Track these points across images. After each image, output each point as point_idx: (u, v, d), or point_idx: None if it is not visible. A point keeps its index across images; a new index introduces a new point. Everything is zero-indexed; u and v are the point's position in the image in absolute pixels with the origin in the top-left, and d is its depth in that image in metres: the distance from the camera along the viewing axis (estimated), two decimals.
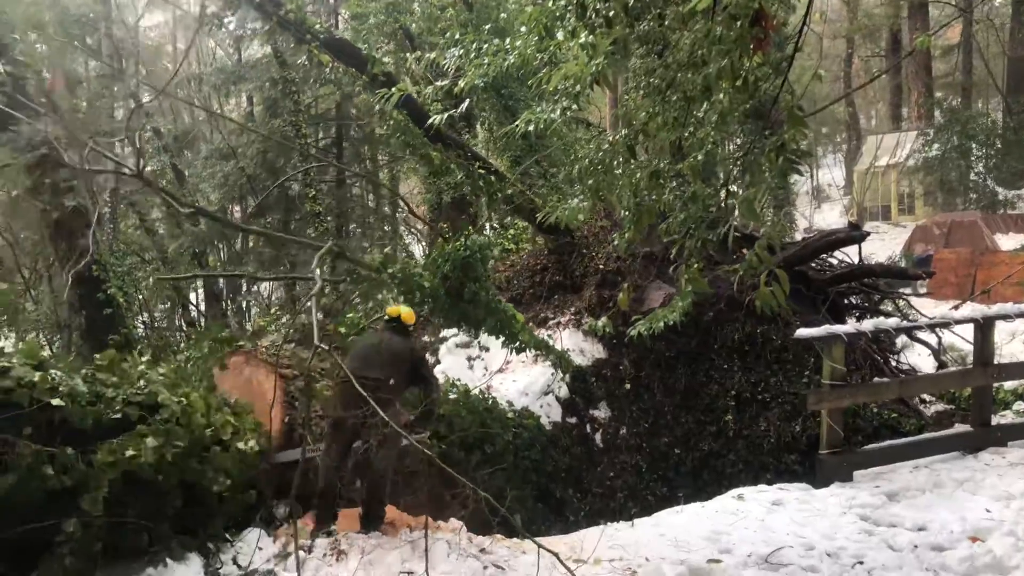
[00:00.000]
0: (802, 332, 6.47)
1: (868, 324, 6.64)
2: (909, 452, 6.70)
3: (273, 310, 19.34)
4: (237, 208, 22.32)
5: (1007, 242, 17.90)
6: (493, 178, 9.65)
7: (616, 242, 4.13)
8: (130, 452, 4.73)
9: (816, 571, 4.65)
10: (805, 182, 36.88)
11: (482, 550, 5.09)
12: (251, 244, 21.58)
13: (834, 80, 35.87)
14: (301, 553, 4.91)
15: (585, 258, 10.84)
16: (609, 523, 5.97)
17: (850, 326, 6.49)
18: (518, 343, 8.28)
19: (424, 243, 23.77)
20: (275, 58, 18.96)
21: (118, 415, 4.93)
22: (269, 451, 5.77)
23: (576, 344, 9.92)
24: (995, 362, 7.04)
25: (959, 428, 7.21)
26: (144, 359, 5.55)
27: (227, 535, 5.22)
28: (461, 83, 4.79)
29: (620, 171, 3.68)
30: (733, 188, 3.51)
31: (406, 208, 22.93)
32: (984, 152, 26.27)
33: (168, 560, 4.85)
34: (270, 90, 19.83)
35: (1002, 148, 26.19)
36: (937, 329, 9.48)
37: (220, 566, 4.99)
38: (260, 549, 5.11)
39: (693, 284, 3.39)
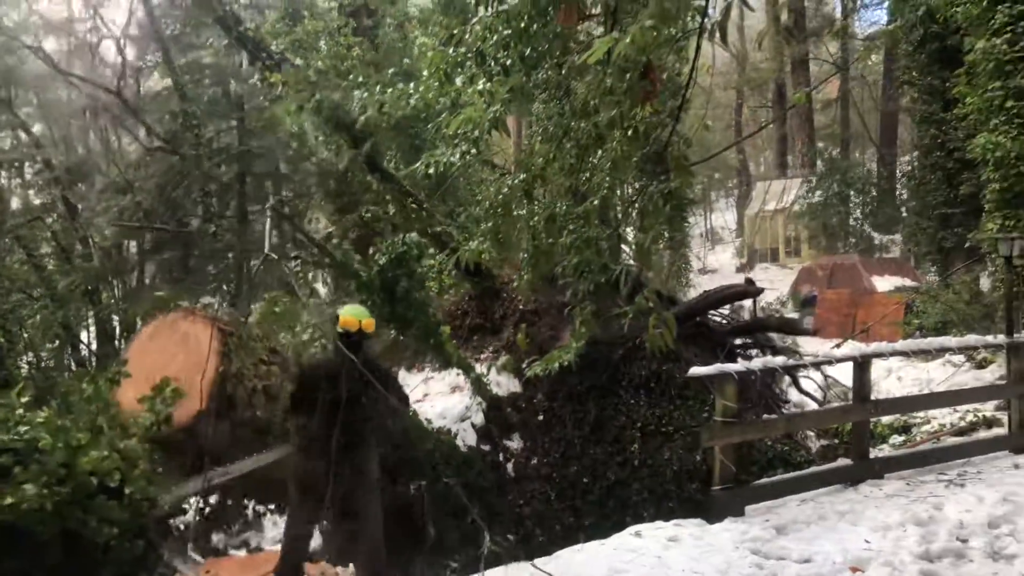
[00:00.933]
0: (695, 371, 6.69)
1: (757, 363, 6.93)
2: (796, 486, 6.97)
3: None
4: (133, 243, 21.50)
5: (882, 284, 19.08)
6: (423, 214, 9.66)
7: (516, 284, 4.19)
8: (8, 500, 4.43)
9: None
10: (699, 225, 38.43)
11: None
12: (147, 280, 20.77)
13: (726, 128, 37.71)
14: None
15: (505, 300, 11.04)
16: (512, 562, 5.93)
17: (740, 364, 6.75)
18: (443, 354, 8.34)
19: (328, 280, 23.43)
20: (176, 90, 18.53)
21: None
22: (155, 501, 5.50)
23: (493, 379, 10.14)
24: (872, 398, 7.45)
25: (841, 462, 7.57)
26: (23, 400, 5.21)
27: None
28: (362, 118, 4.81)
29: (518, 214, 3.77)
30: (626, 232, 3.63)
31: (312, 244, 22.61)
32: (861, 199, 28.12)
33: None
34: (170, 123, 19.33)
35: (877, 196, 28.09)
36: (821, 367, 9.98)
37: None
38: None
39: (585, 326, 3.47)
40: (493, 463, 9.28)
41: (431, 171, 4.12)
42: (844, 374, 12.14)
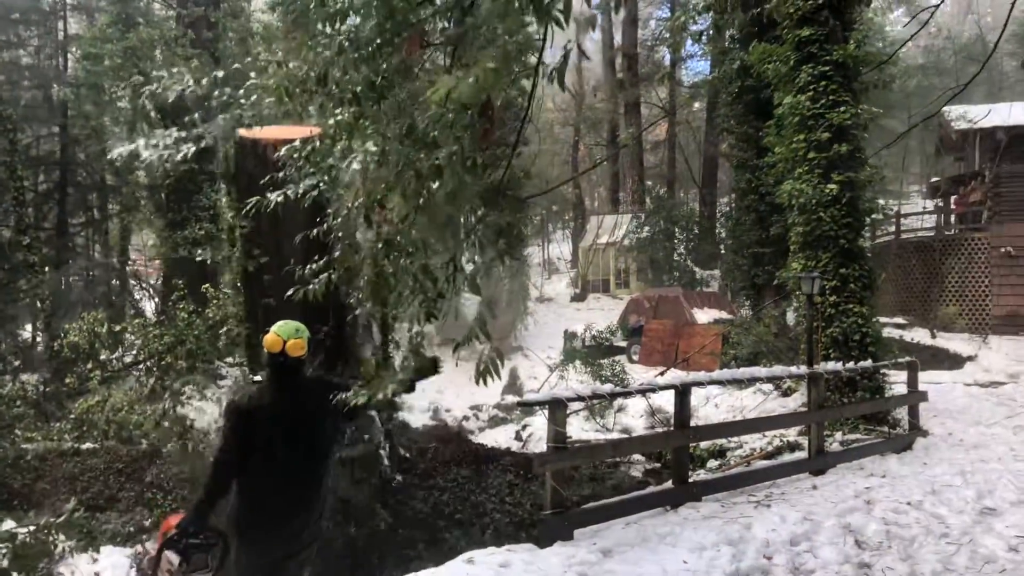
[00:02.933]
0: (528, 397, 6.86)
1: (587, 389, 7.19)
2: (621, 510, 7.25)
3: None
4: None
5: (702, 316, 20.37)
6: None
7: (358, 311, 4.14)
8: None
9: None
10: (537, 255, 39.49)
11: None
12: None
13: (563, 163, 39.16)
14: None
15: None
16: None
17: (571, 391, 6.97)
18: None
19: (156, 299, 22.07)
20: None
21: None
22: None
23: None
24: (692, 424, 7.92)
25: (664, 486, 7.97)
26: None
27: None
28: (196, 129, 4.61)
29: (357, 239, 3.75)
30: (462, 263, 3.70)
31: (137, 264, 21.18)
32: (685, 236, 30.00)
33: None
34: None
35: (698, 233, 30.09)
36: (646, 394, 10.50)
37: None
38: None
39: (416, 359, 3.49)
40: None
41: (279, 200, 4.01)
42: (669, 401, 12.92)
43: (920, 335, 19.20)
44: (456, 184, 3.50)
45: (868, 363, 10.68)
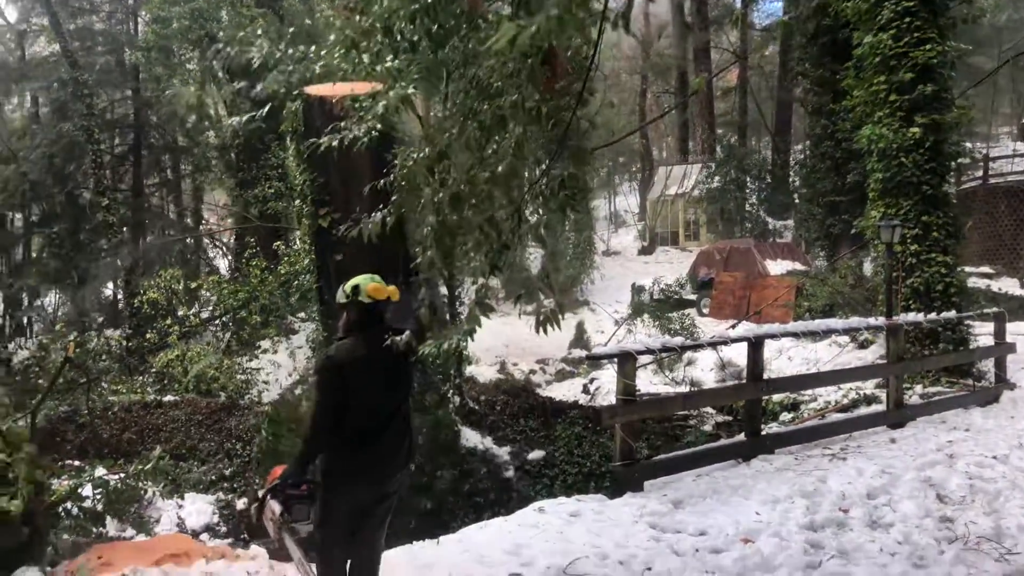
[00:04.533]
0: (598, 351, 6.81)
1: (656, 342, 7.11)
2: (692, 462, 7.21)
3: (59, 326, 17.65)
4: (19, 216, 20.29)
5: (775, 267, 19.86)
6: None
7: (418, 261, 4.11)
8: None
9: None
10: (603, 208, 39.06)
11: None
12: (34, 255, 19.68)
13: (630, 113, 38.33)
14: None
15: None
16: (416, 542, 5.92)
17: (640, 344, 6.90)
18: None
19: (230, 257, 22.72)
20: (64, 57, 17.45)
21: None
22: (44, 483, 5.21)
23: None
24: (765, 377, 7.77)
25: (735, 438, 7.88)
26: None
27: None
28: (259, 86, 4.62)
29: (423, 190, 3.72)
30: (528, 215, 3.64)
31: (212, 222, 21.79)
32: (757, 186, 29.15)
33: None
34: (59, 91, 18.21)
35: (771, 183, 29.20)
36: (717, 347, 10.35)
37: None
38: None
39: (482, 309, 3.44)
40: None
41: (334, 144, 4.00)
42: (740, 354, 12.74)
43: (1008, 285, 18.35)
44: (520, 135, 3.42)
45: (951, 314, 10.28)
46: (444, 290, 11.70)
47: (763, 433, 7.82)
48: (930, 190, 11.39)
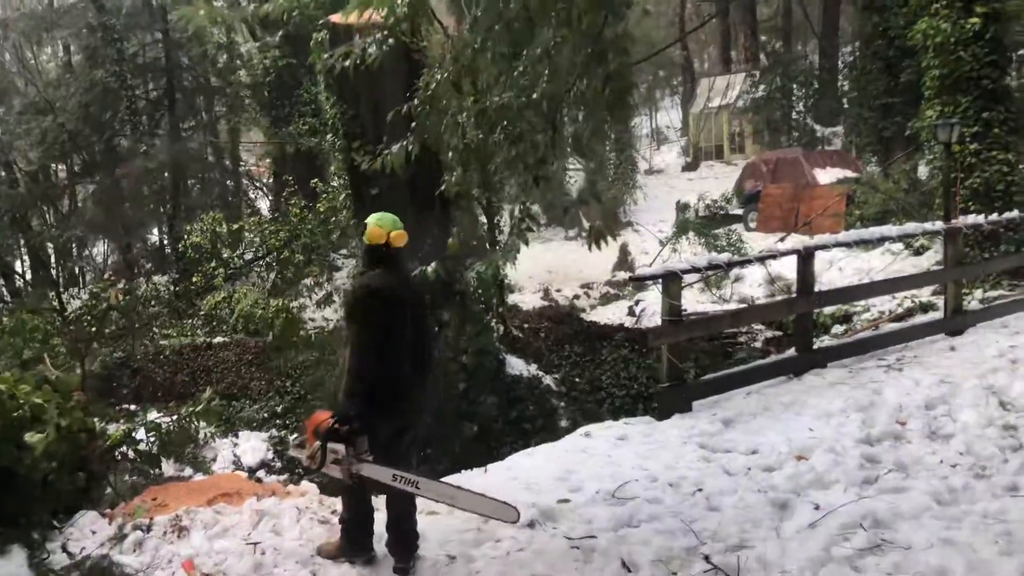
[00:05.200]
0: (642, 271, 6.62)
1: (702, 260, 6.88)
2: (742, 379, 7.05)
3: (107, 274, 18.05)
4: (62, 167, 20.54)
5: (824, 176, 19.18)
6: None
7: (444, 187, 3.95)
8: None
9: (659, 502, 4.80)
10: (644, 125, 38.10)
11: (334, 511, 4.91)
12: (79, 205, 19.97)
13: (669, 25, 36.88)
14: (138, 533, 4.57)
15: None
16: (463, 471, 5.93)
17: (685, 263, 6.68)
18: None
19: (270, 197, 22.81)
20: (92, 2, 17.30)
21: None
22: (95, 431, 5.30)
23: None
24: (816, 289, 7.50)
25: (786, 353, 7.68)
26: None
27: (55, 521, 4.78)
28: (268, 7, 4.43)
29: (446, 109, 3.51)
30: (564, 127, 3.42)
31: (248, 163, 21.81)
32: (803, 92, 28.02)
33: None
34: (88, 37, 18.11)
35: (818, 89, 28.00)
36: (765, 261, 10.03)
37: (46, 556, 4.55)
38: (94, 533, 4.71)
39: (529, 221, 3.28)
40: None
41: (347, 64, 3.80)
42: (789, 268, 12.39)
43: None
44: (551, 41, 3.18)
45: (1014, 214, 9.77)
46: (483, 218, 11.54)
47: (815, 347, 7.60)
48: (991, 84, 10.75)
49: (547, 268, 18.81)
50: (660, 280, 6.53)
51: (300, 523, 4.54)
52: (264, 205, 22.19)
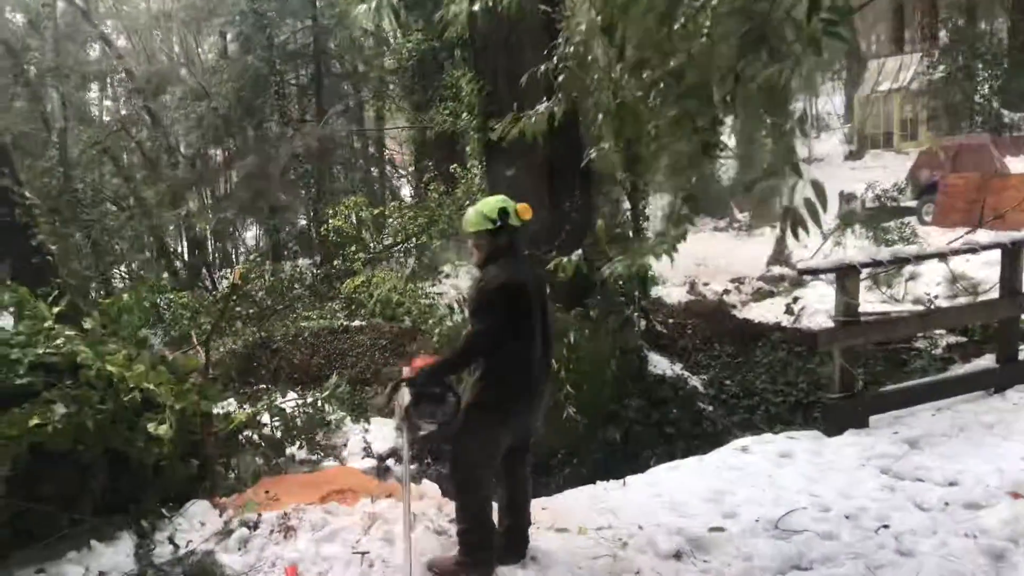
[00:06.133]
0: (810, 263, 5.77)
1: (886, 252, 5.92)
2: (929, 392, 6.05)
3: (252, 255, 18.73)
4: (218, 152, 21.57)
5: (1018, 165, 17.04)
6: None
7: (592, 157, 3.39)
8: (35, 421, 4.07)
9: (835, 538, 4.02)
10: (801, 112, 35.79)
11: (451, 520, 4.45)
12: (233, 187, 20.88)
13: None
14: (244, 530, 4.29)
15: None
16: (599, 483, 5.31)
17: (865, 255, 5.74)
18: None
19: (411, 183, 23.02)
20: None
21: (24, 379, 4.29)
22: (210, 416, 5.10)
23: None
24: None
25: (983, 364, 6.56)
26: (55, 312, 4.81)
27: (164, 510, 4.60)
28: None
29: (596, 63, 2.90)
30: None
31: (391, 149, 22.01)
32: (990, 73, 25.21)
33: (93, 542, 4.24)
34: (241, 24, 18.81)
35: (1008, 68, 25.08)
36: (953, 257, 8.77)
37: (152, 547, 4.36)
38: (202, 524, 4.49)
39: (689, 206, 2.65)
40: None
41: (476, 8, 3.29)
42: (975, 267, 10.92)
43: None
44: None
45: None
46: (626, 204, 10.84)
47: (1020, 358, 6.42)
48: None
49: (694, 260, 17.75)
50: (833, 274, 5.65)
51: (415, 532, 4.09)
52: (407, 191, 22.39)
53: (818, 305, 13.13)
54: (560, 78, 3.15)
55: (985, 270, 11.44)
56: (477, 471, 3.69)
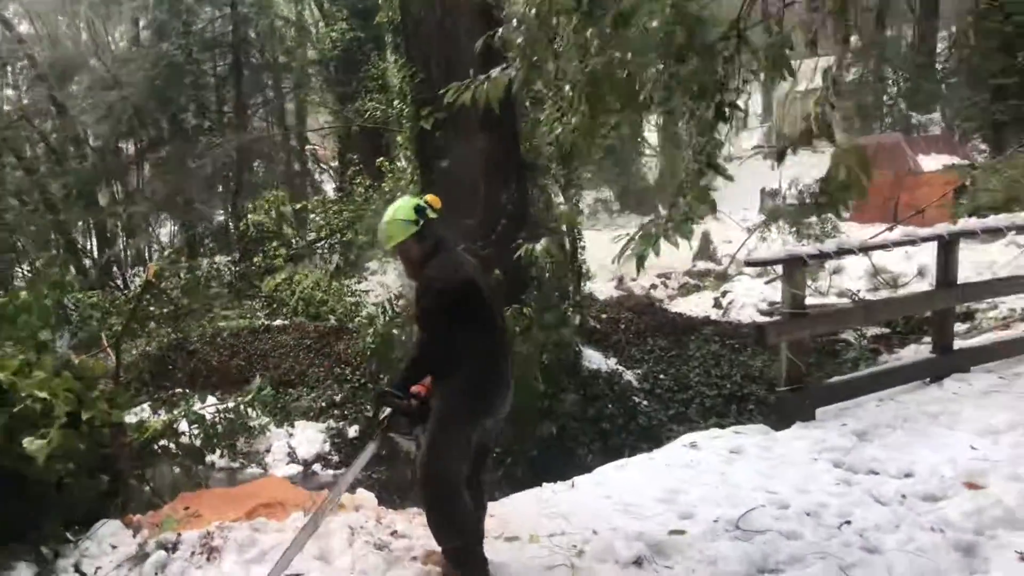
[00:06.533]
0: (758, 255, 5.65)
1: (831, 244, 5.86)
2: (871, 384, 6.03)
3: (166, 251, 17.77)
4: (130, 144, 20.41)
5: (929, 163, 17.66)
6: None
7: (559, 137, 3.12)
8: None
9: (798, 537, 3.85)
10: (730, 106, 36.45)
11: (393, 533, 4.09)
12: (145, 181, 19.81)
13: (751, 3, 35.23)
14: (162, 553, 3.84)
15: None
16: (545, 484, 5.03)
17: (813, 248, 5.67)
18: None
19: (335, 178, 22.32)
20: None
21: None
22: (122, 425, 4.60)
23: None
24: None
25: (919, 354, 6.60)
26: None
27: (69, 534, 4.09)
28: None
29: (560, 22, 2.59)
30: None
31: (314, 142, 21.34)
32: (897, 76, 26.26)
33: None
34: (155, 10, 17.86)
35: (915, 72, 26.17)
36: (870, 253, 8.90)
37: None
38: (114, 548, 4.01)
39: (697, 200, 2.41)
40: None
41: None
42: (892, 260, 11.17)
43: None
44: None
45: None
46: (559, 198, 10.64)
47: (955, 348, 6.48)
48: None
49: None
50: (781, 265, 5.55)
51: (353, 547, 3.74)
52: (330, 187, 21.68)
53: (744, 299, 13.27)
54: (519, 41, 2.83)
55: (903, 264, 11.77)
56: (453, 479, 3.41)
